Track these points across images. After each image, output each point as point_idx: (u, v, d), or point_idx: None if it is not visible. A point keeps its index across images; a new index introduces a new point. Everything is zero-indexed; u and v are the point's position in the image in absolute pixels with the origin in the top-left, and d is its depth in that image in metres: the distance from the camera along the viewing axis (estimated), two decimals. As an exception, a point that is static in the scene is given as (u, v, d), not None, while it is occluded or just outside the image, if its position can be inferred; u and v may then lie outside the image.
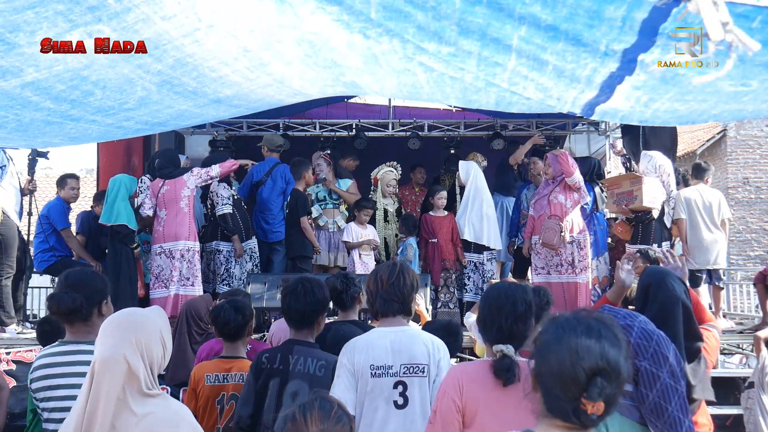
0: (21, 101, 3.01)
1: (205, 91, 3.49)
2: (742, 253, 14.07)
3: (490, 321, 2.22)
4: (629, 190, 6.12)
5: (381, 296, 2.55)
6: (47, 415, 2.37)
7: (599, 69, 2.57)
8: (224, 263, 6.31)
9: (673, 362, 2.03)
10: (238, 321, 3.05)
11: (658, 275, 2.57)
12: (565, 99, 3.01)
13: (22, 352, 4.86)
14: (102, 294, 2.51)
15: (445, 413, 2.09)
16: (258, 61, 3.21)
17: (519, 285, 2.34)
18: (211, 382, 2.96)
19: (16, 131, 3.47)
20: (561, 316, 1.47)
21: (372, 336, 2.56)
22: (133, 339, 1.84)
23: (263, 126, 9.17)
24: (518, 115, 9.53)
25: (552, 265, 6.10)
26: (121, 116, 3.57)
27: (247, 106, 4.11)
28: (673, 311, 2.42)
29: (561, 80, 2.75)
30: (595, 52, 2.42)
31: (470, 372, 2.15)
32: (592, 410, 1.33)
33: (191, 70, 3.12)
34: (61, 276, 2.56)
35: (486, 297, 2.34)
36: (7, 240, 5.22)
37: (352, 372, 2.49)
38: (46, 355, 2.46)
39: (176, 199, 5.92)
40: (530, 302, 2.24)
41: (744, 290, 10.03)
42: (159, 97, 3.38)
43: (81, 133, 3.72)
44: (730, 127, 14.28)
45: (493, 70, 2.80)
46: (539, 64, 2.60)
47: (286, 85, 3.71)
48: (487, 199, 6.69)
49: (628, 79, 2.60)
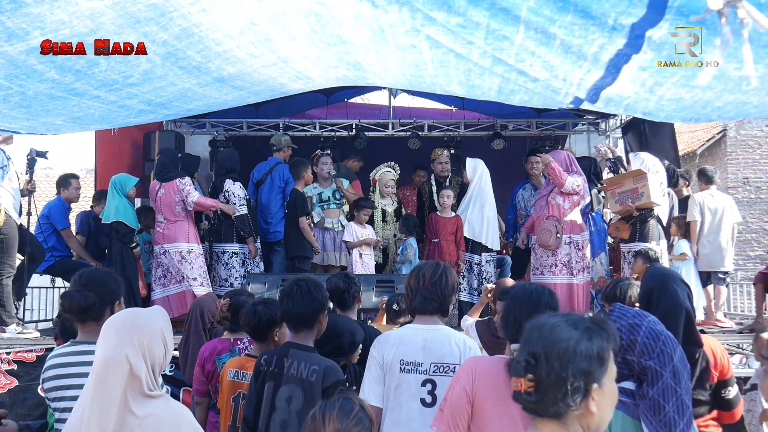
0: (26, 70, 2.96)
1: (209, 67, 3.45)
2: (742, 253, 14.06)
3: (511, 319, 2.24)
4: (633, 187, 6.06)
5: (421, 293, 2.54)
6: (59, 415, 2.38)
7: (606, 46, 2.56)
8: (241, 265, 6.31)
9: (677, 364, 2.03)
10: (261, 325, 3.07)
11: (659, 279, 2.57)
12: (570, 80, 2.99)
13: (22, 352, 4.86)
14: (115, 294, 2.52)
15: (455, 401, 2.10)
16: (263, 36, 3.18)
17: (545, 288, 2.34)
18: (231, 377, 3.00)
19: (20, 106, 3.41)
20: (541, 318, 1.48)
21: (405, 332, 2.56)
22: (135, 339, 1.83)
23: (263, 126, 9.17)
24: (518, 115, 9.56)
25: (546, 265, 6.08)
26: (124, 92, 3.51)
27: (249, 90, 4.07)
28: (675, 317, 2.42)
29: (568, 57, 2.73)
30: (603, 26, 2.41)
31: (485, 365, 2.15)
32: (515, 386, 1.35)
33: (197, 42, 3.08)
34: (75, 275, 2.56)
35: (511, 295, 2.36)
36: (9, 239, 5.22)
37: (381, 365, 2.50)
38: (58, 355, 2.47)
39: (171, 203, 5.93)
40: (555, 306, 2.25)
41: (744, 290, 10.05)
42: (163, 72, 3.34)
43: (84, 112, 3.67)
44: (730, 127, 14.27)
45: (500, 44, 2.76)
46: (547, 38, 2.59)
47: (290, 65, 3.67)
48: (489, 201, 6.65)
49: (635, 57, 2.59)
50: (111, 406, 1.77)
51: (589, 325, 1.40)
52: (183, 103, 4.04)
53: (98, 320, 2.43)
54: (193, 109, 4.40)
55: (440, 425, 2.10)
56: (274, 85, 4.08)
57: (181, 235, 5.88)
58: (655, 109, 3.23)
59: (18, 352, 4.84)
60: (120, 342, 1.83)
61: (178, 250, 5.86)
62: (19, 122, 3.83)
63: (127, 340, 1.83)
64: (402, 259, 6.59)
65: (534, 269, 6.21)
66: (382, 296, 4.91)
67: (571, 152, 7.13)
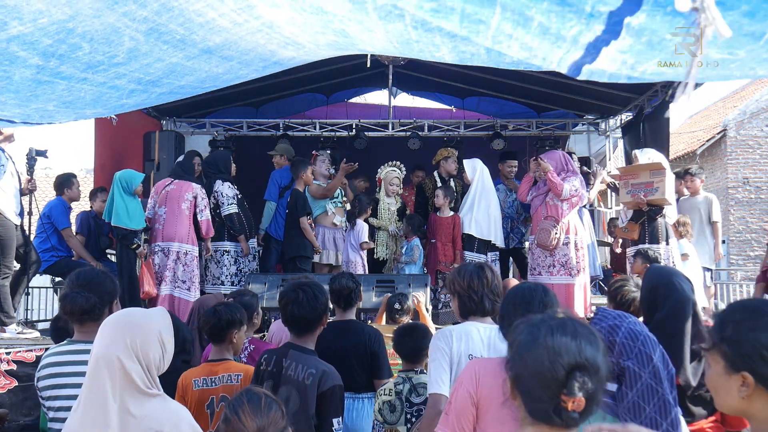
0: (8, 56, 2.94)
1: (194, 39, 3.40)
2: (742, 253, 14.07)
3: (507, 319, 2.25)
4: (649, 181, 5.93)
5: (486, 296, 2.59)
6: (53, 414, 2.36)
7: (584, 32, 2.55)
8: (233, 263, 6.33)
9: (657, 364, 2.01)
10: (221, 325, 3.02)
11: (665, 276, 2.56)
12: (550, 59, 2.98)
13: (22, 352, 4.86)
14: (112, 294, 2.53)
15: (459, 404, 2.09)
16: (244, 3, 3.14)
17: (539, 285, 2.35)
18: (199, 386, 2.90)
19: (7, 91, 3.39)
20: (533, 317, 1.46)
21: (468, 327, 2.58)
22: (127, 340, 1.82)
23: (263, 126, 9.18)
24: (518, 115, 9.57)
25: (544, 266, 6.08)
26: (111, 73, 3.46)
27: (240, 59, 4.00)
28: (684, 311, 2.42)
29: (546, 39, 2.71)
30: (580, 13, 2.39)
31: (489, 367, 2.14)
32: (572, 406, 1.32)
33: (177, 16, 3.03)
34: (72, 275, 2.55)
35: (506, 296, 2.38)
36: (5, 241, 5.21)
37: (449, 356, 2.51)
38: (54, 353, 2.46)
39: (179, 198, 5.92)
40: (548, 303, 2.26)
41: (744, 290, 10.04)
42: (148, 48, 3.29)
43: (74, 96, 3.63)
44: (730, 127, 14.27)
45: (476, 27, 2.75)
46: (524, 20, 2.56)
47: (276, 31, 3.61)
48: (494, 200, 6.64)
49: (614, 43, 2.58)
50: (104, 405, 1.76)
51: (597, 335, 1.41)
52: (174, 79, 3.99)
53: (97, 320, 2.41)
54: (185, 85, 4.35)
55: (446, 429, 2.09)
56: (263, 53, 4.02)
57: (181, 234, 5.86)
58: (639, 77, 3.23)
59: (18, 352, 4.84)
60: (113, 341, 1.83)
61: (173, 249, 5.83)
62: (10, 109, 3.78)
63: (119, 339, 1.83)
64: (407, 260, 6.59)
65: (531, 269, 6.20)
66: (384, 295, 4.89)
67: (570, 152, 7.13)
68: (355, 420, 3.29)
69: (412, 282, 5.41)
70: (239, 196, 6.43)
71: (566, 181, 6.00)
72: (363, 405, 3.36)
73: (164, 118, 9.11)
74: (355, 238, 6.72)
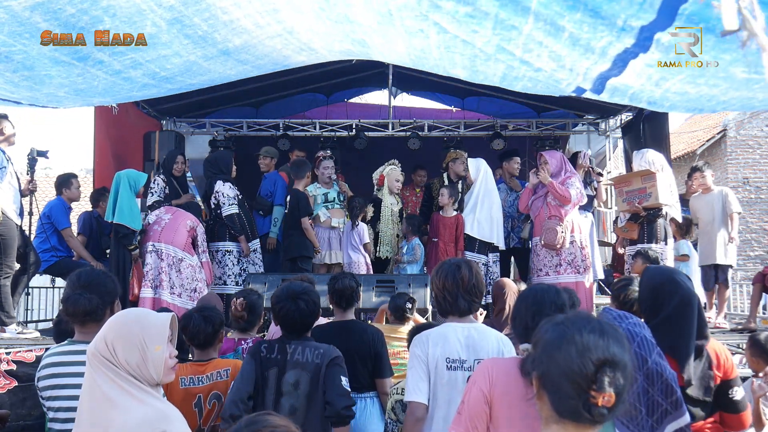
0: (29, 28, 2.89)
1: (215, 38, 3.39)
2: (742, 253, 14.06)
3: (518, 319, 2.26)
4: (641, 187, 6.02)
5: (462, 296, 2.57)
6: (52, 415, 2.36)
7: (614, 43, 2.56)
8: (236, 263, 6.33)
9: (652, 366, 2.01)
10: (207, 331, 3.04)
11: (666, 274, 2.55)
12: (577, 70, 2.98)
13: (22, 352, 4.85)
14: (113, 294, 2.53)
15: (473, 404, 2.08)
16: (270, 6, 3.14)
17: (552, 287, 2.34)
18: (185, 385, 2.90)
19: (23, 68, 3.32)
20: (560, 317, 1.46)
21: (444, 330, 2.58)
22: (108, 338, 1.83)
23: (263, 126, 9.18)
24: (518, 115, 9.57)
25: (551, 265, 6.09)
26: (128, 60, 3.41)
27: (253, 63, 4.00)
28: (690, 307, 2.41)
29: (575, 49, 2.73)
30: (612, 26, 2.41)
31: (502, 366, 2.13)
32: (602, 402, 1.32)
33: (204, 10, 3.02)
34: (73, 276, 2.54)
35: (519, 297, 2.37)
36: (7, 240, 5.21)
37: (425, 363, 2.52)
38: (54, 354, 2.45)
39: (185, 217, 5.92)
40: (561, 305, 2.25)
41: (744, 290, 10.04)
42: (168, 38, 3.26)
43: (87, 84, 3.58)
44: (730, 127, 14.27)
45: (508, 35, 2.76)
46: (555, 29, 2.58)
47: (295, 36, 3.61)
48: (496, 201, 6.64)
49: (642, 56, 2.60)
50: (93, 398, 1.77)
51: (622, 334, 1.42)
52: (187, 78, 3.99)
53: (99, 321, 2.41)
54: (196, 83, 4.34)
55: (459, 428, 2.08)
56: (277, 58, 4.04)
57: (178, 241, 5.79)
58: (660, 99, 3.23)
59: (18, 353, 4.83)
60: (99, 337, 1.85)
61: (168, 253, 5.77)
62: (21, 92, 3.72)
63: (102, 337, 1.85)
64: (409, 259, 6.59)
65: (537, 271, 6.18)
66: (384, 302, 4.88)
67: (569, 153, 7.14)
68: (359, 419, 3.29)
69: (412, 282, 5.41)
70: (240, 197, 6.43)
71: (569, 185, 6.03)
72: (366, 404, 3.37)
73: (164, 118, 9.11)
74: (356, 239, 6.71)
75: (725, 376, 2.51)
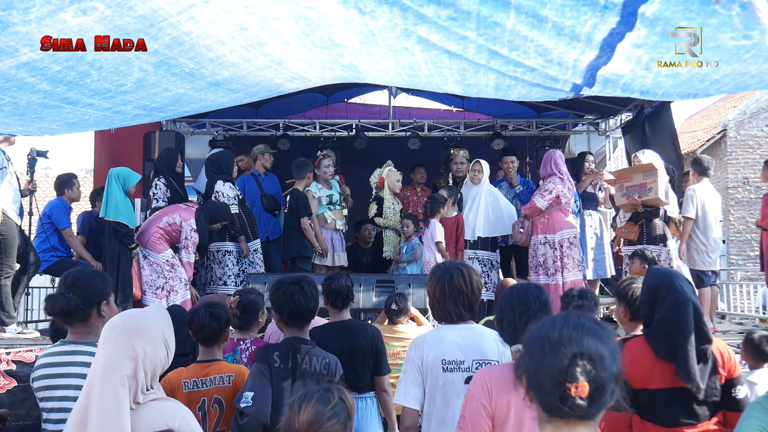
0: (17, 83, 2.97)
1: (203, 73, 3.43)
2: (742, 253, 14.07)
3: (506, 321, 2.26)
4: (642, 182, 5.97)
5: (453, 301, 2.55)
6: (46, 415, 2.36)
7: (599, 25, 2.55)
8: (236, 263, 6.32)
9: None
10: (212, 327, 2.99)
11: (664, 277, 2.54)
12: (566, 63, 2.97)
13: (22, 352, 4.85)
14: (101, 294, 2.47)
15: (474, 417, 2.07)
16: (255, 40, 3.16)
17: (533, 284, 2.35)
18: (189, 388, 2.86)
19: (13, 114, 3.41)
20: (546, 318, 1.48)
21: (441, 332, 2.57)
22: (135, 345, 1.80)
23: (263, 126, 9.18)
24: (518, 115, 9.56)
25: (532, 266, 6.29)
26: (118, 99, 3.49)
27: (246, 91, 4.04)
28: (684, 312, 2.40)
29: (561, 39, 2.72)
30: (594, 5, 2.40)
31: (497, 375, 2.13)
32: (575, 392, 1.31)
33: (188, 50, 3.06)
34: (63, 275, 2.53)
35: (502, 297, 2.37)
36: (7, 240, 5.22)
37: (420, 367, 2.51)
38: (47, 354, 2.45)
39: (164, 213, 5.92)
40: (545, 301, 2.26)
41: (744, 290, 10.03)
42: (156, 79, 3.32)
43: (78, 118, 3.66)
44: (730, 127, 14.27)
45: (492, 33, 2.74)
46: (539, 21, 2.57)
47: (284, 67, 3.64)
48: (501, 197, 6.73)
49: (629, 35, 2.58)
50: (113, 411, 1.73)
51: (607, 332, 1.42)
52: (179, 107, 4.04)
53: (84, 321, 2.41)
54: (189, 110, 4.39)
55: None
56: (270, 86, 4.07)
57: (143, 238, 5.80)
58: (653, 86, 3.21)
59: (18, 352, 4.84)
60: (120, 347, 1.79)
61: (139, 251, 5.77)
62: (14, 127, 3.84)
63: (127, 345, 1.80)
64: (409, 259, 6.59)
65: (535, 269, 6.33)
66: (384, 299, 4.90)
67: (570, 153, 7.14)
68: (360, 419, 3.30)
69: (412, 282, 5.41)
70: (240, 197, 6.43)
71: (542, 191, 6.21)
72: (366, 404, 3.38)
73: (164, 118, 9.11)
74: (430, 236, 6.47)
75: (729, 375, 2.51)
